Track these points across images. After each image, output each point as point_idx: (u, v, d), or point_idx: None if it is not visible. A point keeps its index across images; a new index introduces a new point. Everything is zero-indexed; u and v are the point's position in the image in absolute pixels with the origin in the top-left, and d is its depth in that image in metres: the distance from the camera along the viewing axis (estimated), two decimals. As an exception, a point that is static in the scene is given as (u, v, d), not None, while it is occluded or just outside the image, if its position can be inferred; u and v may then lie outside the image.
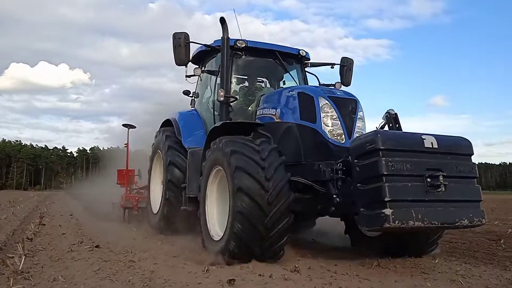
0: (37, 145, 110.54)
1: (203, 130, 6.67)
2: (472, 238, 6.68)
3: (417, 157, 4.07)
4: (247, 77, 6.89)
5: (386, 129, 5.12)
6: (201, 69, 6.67)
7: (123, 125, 10.67)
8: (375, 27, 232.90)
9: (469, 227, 4.39)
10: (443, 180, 4.00)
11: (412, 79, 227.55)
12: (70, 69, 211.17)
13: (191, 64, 6.58)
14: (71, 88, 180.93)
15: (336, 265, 4.54)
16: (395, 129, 5.07)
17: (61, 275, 3.98)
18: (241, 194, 4.33)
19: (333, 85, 6.51)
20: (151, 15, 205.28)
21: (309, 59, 6.90)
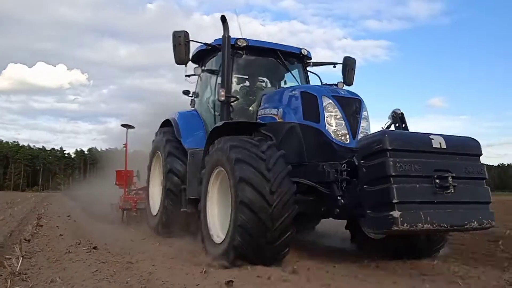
0: (34, 146, 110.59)
1: (203, 130, 6.57)
2: (470, 239, 6.66)
3: (425, 157, 3.98)
4: (248, 77, 6.79)
5: (392, 129, 5.03)
6: (201, 68, 6.58)
7: (122, 125, 10.65)
8: (373, 28, 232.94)
9: (478, 229, 4.27)
10: (452, 181, 3.89)
11: (410, 80, 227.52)
12: (68, 69, 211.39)
13: (191, 63, 6.49)
14: (69, 89, 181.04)
15: (334, 266, 4.54)
16: (402, 129, 4.98)
17: (59, 277, 3.95)
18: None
19: (335, 85, 6.42)
20: (149, 15, 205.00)
21: (311, 58, 6.81)
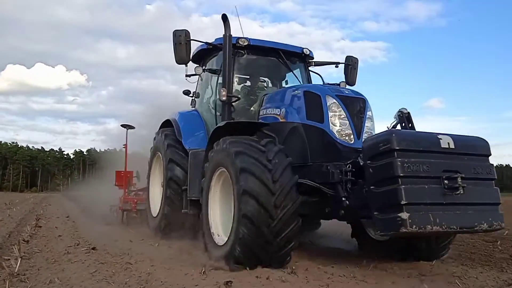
0: (33, 147, 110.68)
1: (204, 131, 6.49)
2: (469, 239, 6.66)
3: (433, 158, 3.88)
4: (249, 77, 6.72)
5: (398, 128, 4.94)
6: (202, 68, 6.47)
7: (122, 126, 10.48)
8: (371, 29, 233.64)
9: (488, 231, 4.18)
10: (462, 182, 3.80)
11: (408, 81, 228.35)
12: (66, 70, 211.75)
13: (191, 63, 6.40)
14: (68, 89, 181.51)
15: (333, 266, 4.53)
16: (408, 129, 4.91)
17: (58, 277, 3.95)
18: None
19: (337, 85, 6.36)
20: (148, 17, 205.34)
21: (313, 58, 6.75)
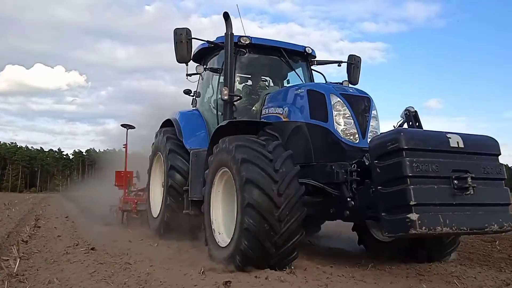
0: (32, 147, 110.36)
1: (205, 130, 6.46)
2: (467, 239, 6.68)
3: (442, 157, 3.80)
4: (250, 76, 6.68)
5: (405, 127, 4.91)
6: (204, 67, 6.41)
7: (122, 125, 10.38)
8: (370, 30, 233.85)
9: (498, 232, 4.11)
10: (472, 182, 3.73)
11: (407, 82, 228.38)
12: (66, 71, 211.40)
13: (192, 62, 6.31)
14: (67, 90, 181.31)
15: (331, 266, 4.52)
16: (416, 127, 4.84)
17: (56, 278, 3.95)
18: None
19: (340, 84, 6.26)
20: (147, 17, 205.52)
21: (315, 57, 6.68)
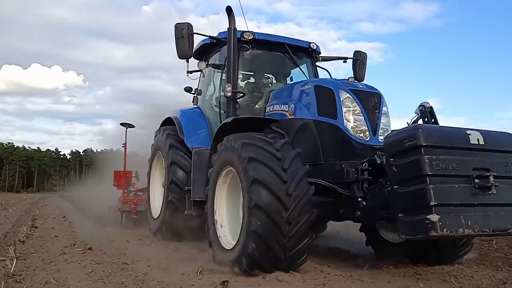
0: (29, 147, 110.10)
1: (207, 129, 6.31)
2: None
3: (462, 155, 3.59)
4: (253, 73, 6.52)
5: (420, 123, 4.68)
6: (206, 63, 6.22)
7: (121, 124, 10.14)
8: (367, 30, 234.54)
9: None
10: (494, 181, 3.52)
11: (405, 82, 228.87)
12: (63, 71, 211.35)
13: (192, 60, 6.09)
14: (64, 90, 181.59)
15: (329, 266, 4.50)
16: (432, 124, 4.63)
17: (53, 278, 3.92)
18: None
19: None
20: (144, 17, 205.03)
21: (320, 53, 6.48)
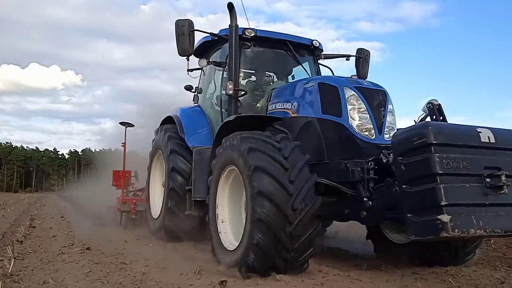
0: (27, 147, 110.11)
1: (208, 127, 6.25)
2: (462, 238, 6.71)
3: (473, 153, 3.51)
4: (254, 71, 6.44)
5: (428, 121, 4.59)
6: (207, 60, 6.14)
7: (120, 123, 10.05)
8: (366, 30, 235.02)
9: None
10: (506, 180, 3.43)
11: (404, 81, 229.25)
12: (61, 71, 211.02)
13: (193, 57, 6.04)
14: (63, 89, 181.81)
15: (327, 266, 4.47)
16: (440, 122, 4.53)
17: (51, 278, 3.92)
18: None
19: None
20: (143, 17, 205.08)
21: (323, 50, 6.42)
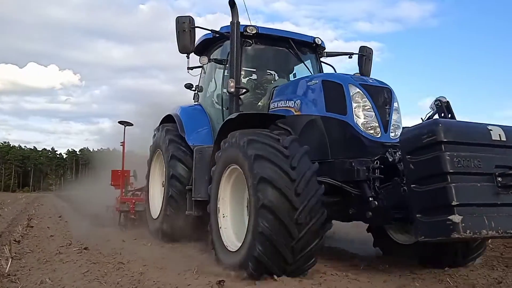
0: (25, 146, 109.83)
1: (209, 126, 6.16)
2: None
3: (484, 151, 3.41)
4: (255, 70, 6.35)
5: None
6: (208, 58, 6.03)
7: (119, 122, 9.89)
8: (364, 30, 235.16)
9: None
10: None
11: (403, 81, 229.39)
12: (59, 70, 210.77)
13: (193, 55, 5.98)
14: (61, 89, 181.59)
15: (326, 265, 4.48)
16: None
17: (49, 278, 3.92)
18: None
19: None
20: (141, 16, 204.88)
21: (325, 48, 6.35)
